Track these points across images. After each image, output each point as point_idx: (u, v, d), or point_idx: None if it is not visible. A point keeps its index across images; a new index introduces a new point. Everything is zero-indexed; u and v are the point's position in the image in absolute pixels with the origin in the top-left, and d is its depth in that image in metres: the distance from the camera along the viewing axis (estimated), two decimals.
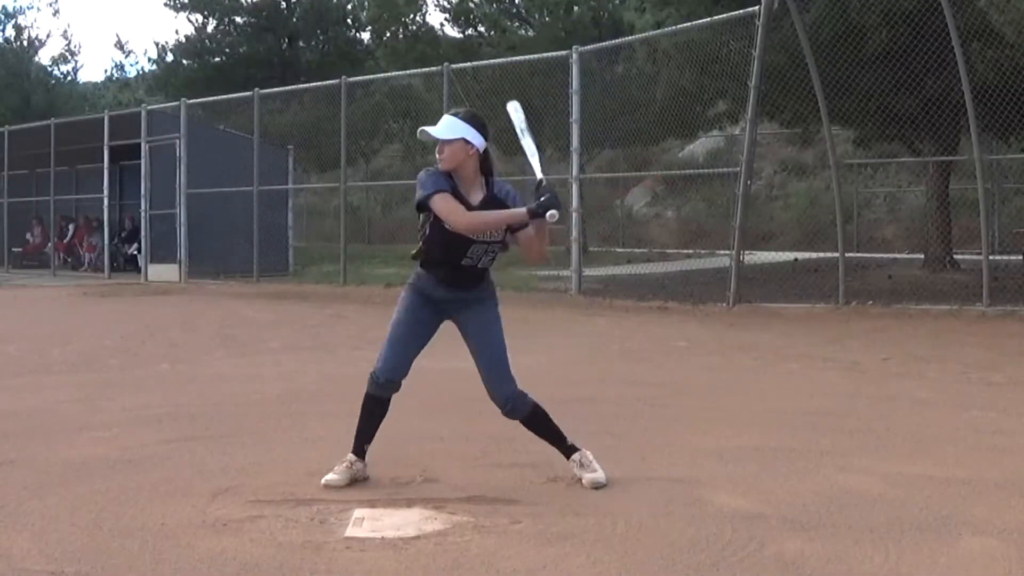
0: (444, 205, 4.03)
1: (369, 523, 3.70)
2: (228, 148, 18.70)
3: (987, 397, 6.34)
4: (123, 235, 21.32)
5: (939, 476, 4.31)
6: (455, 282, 4.15)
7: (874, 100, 13.02)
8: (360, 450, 4.26)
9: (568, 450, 4.23)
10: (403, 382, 4.26)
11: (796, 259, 16.59)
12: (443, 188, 4.04)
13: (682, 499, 3.99)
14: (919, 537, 3.50)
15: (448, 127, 4.08)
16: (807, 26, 11.65)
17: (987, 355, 8.19)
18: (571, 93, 13.17)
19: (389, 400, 4.28)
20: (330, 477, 4.19)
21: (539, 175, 4.10)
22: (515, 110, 4.33)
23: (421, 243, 4.18)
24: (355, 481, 4.20)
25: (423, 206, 4.09)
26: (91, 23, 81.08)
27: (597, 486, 4.11)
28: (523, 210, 3.97)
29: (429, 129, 4.11)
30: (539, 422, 4.24)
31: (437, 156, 4.12)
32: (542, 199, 3.91)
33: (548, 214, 3.90)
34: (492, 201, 4.10)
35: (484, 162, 4.14)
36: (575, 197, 13.72)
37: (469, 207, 4.05)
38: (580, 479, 4.17)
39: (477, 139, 4.08)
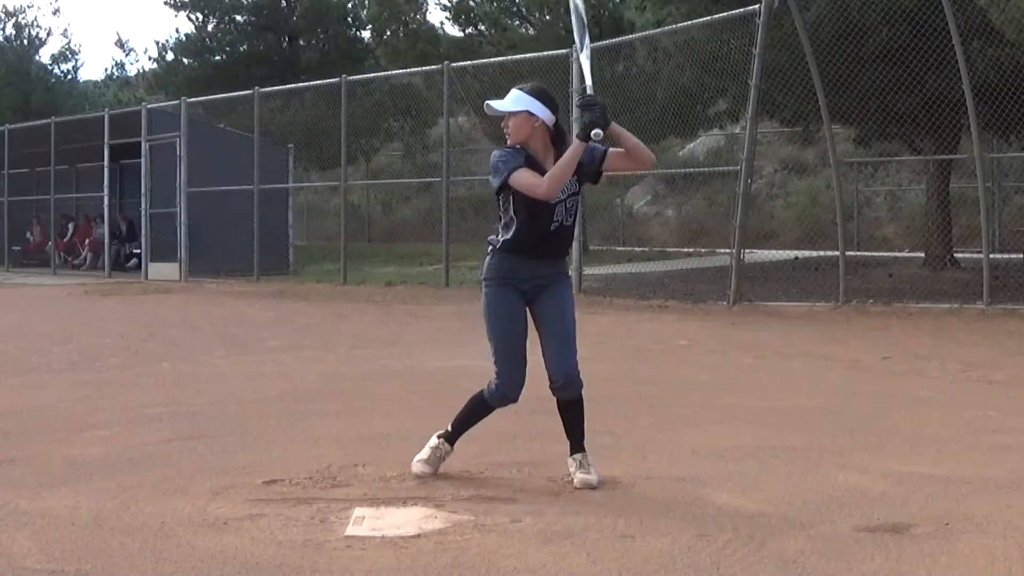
0: (524, 180, 3.99)
1: (369, 522, 3.70)
2: (228, 147, 18.70)
3: (987, 396, 6.34)
4: (120, 234, 21.30)
5: (940, 475, 4.31)
6: (548, 253, 4.14)
7: (874, 98, 13.02)
8: (454, 439, 4.29)
9: (578, 447, 4.21)
10: (402, 382, 4.25)
11: (796, 257, 16.59)
12: (517, 164, 4.02)
13: (682, 498, 3.99)
14: (919, 536, 3.50)
15: (513, 100, 4.08)
16: (807, 24, 11.65)
17: (988, 354, 8.19)
18: (571, 92, 13.18)
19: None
20: (422, 468, 4.24)
21: (588, 87, 4.12)
22: (574, 5, 4.38)
23: (508, 228, 4.12)
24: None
25: (503, 188, 4.05)
26: (91, 22, 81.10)
27: (588, 486, 4.10)
28: (576, 141, 3.97)
29: (494, 103, 4.13)
30: (575, 411, 4.21)
31: (504, 131, 4.13)
32: (584, 119, 3.94)
33: (593, 133, 3.90)
34: None
35: (556, 137, 4.12)
36: None
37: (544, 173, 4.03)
38: (575, 480, 4.16)
39: (543, 112, 4.07)
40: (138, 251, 19.94)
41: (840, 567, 3.21)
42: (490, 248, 4.21)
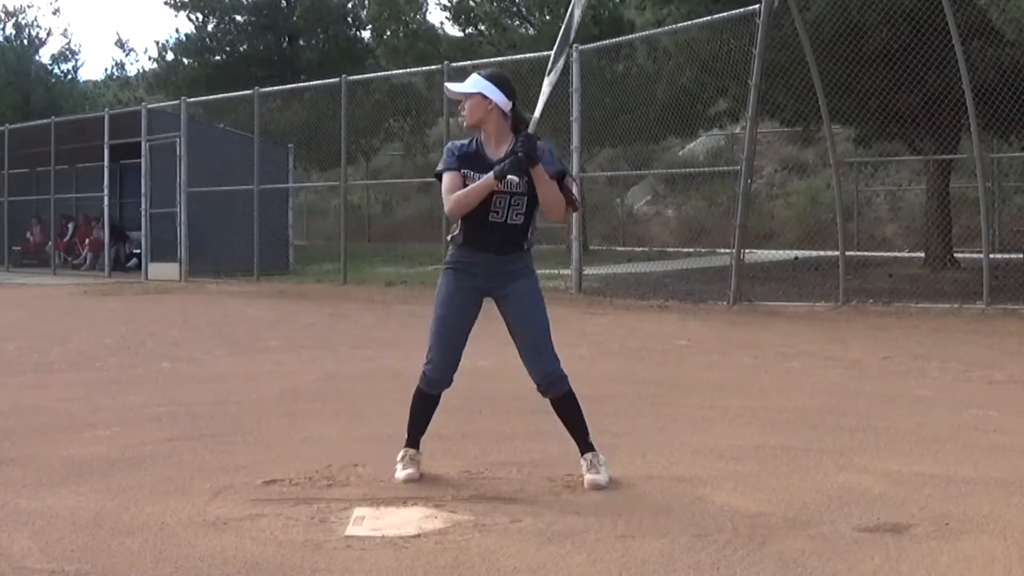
0: (443, 185, 4.12)
1: (369, 522, 3.70)
2: (228, 147, 18.70)
3: (988, 395, 6.34)
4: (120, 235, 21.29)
5: (940, 475, 4.31)
6: (492, 247, 4.12)
7: (875, 98, 13.03)
8: (416, 442, 4.29)
9: (586, 446, 4.19)
10: (402, 382, 4.25)
11: (796, 257, 16.59)
12: (451, 166, 4.11)
13: (682, 498, 3.99)
14: (919, 536, 3.50)
15: (470, 83, 4.15)
16: (807, 24, 11.65)
17: (988, 353, 8.19)
18: (571, 91, 13.16)
19: (439, 396, 4.29)
20: (404, 473, 4.22)
21: (532, 123, 4.11)
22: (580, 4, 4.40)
23: (458, 222, 4.18)
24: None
25: (438, 177, 4.18)
26: (91, 22, 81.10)
27: (596, 487, 4.09)
28: (490, 175, 4.00)
29: (451, 85, 4.22)
30: (569, 408, 4.20)
31: (460, 112, 4.19)
32: (512, 157, 3.95)
33: (506, 180, 3.95)
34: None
35: (514, 124, 4.15)
36: (575, 196, 13.70)
37: (486, 163, 4.07)
38: (582, 478, 4.16)
39: (497, 96, 4.10)
40: (138, 251, 19.94)
41: (840, 567, 3.21)
42: (450, 238, 4.27)
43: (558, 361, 4.15)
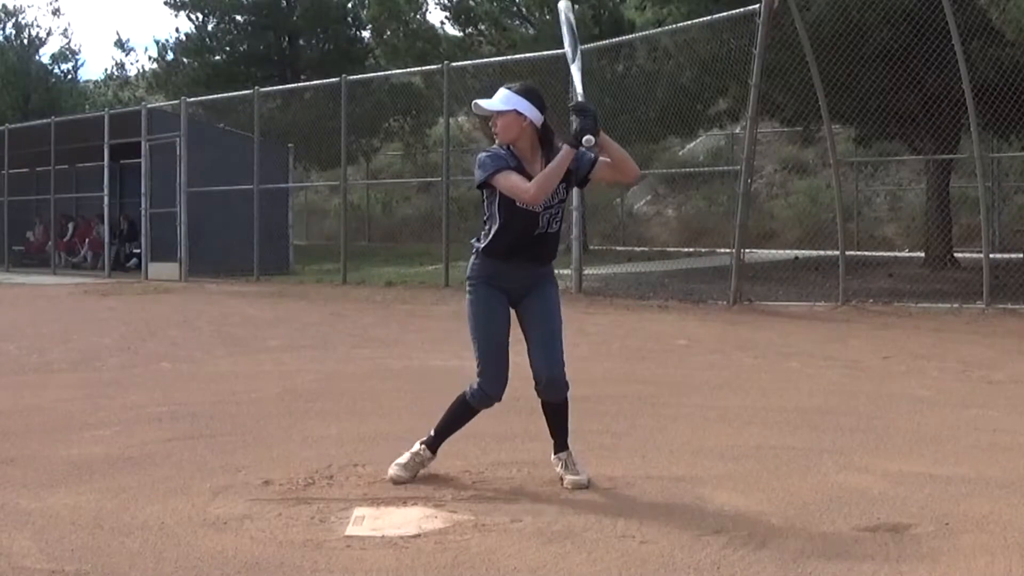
0: (507, 182, 3.97)
1: (370, 521, 3.70)
2: (228, 146, 18.71)
3: (987, 395, 6.34)
4: (121, 234, 21.30)
5: (939, 474, 4.31)
6: (532, 257, 4.10)
7: (875, 98, 13.04)
8: (436, 447, 4.23)
9: (562, 446, 4.20)
10: (402, 382, 4.25)
11: (797, 257, 16.59)
12: (504, 166, 3.99)
13: (682, 497, 3.99)
14: (919, 536, 3.50)
15: (501, 99, 4.03)
16: (808, 24, 11.65)
17: (987, 353, 8.19)
18: (571, 92, 13.15)
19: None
20: (398, 474, 4.18)
21: (579, 94, 4.04)
22: (565, 14, 4.28)
23: (489, 229, 4.09)
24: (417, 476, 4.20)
25: (485, 185, 4.03)
26: (91, 22, 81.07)
27: (578, 487, 4.09)
28: (565, 147, 3.92)
29: (482, 102, 4.08)
30: (560, 413, 4.19)
31: (492, 130, 4.09)
32: (575, 125, 3.86)
33: (584, 140, 3.85)
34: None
35: (544, 136, 4.08)
36: (575, 195, 13.74)
37: (531, 179, 3.98)
38: (562, 479, 4.14)
39: (531, 111, 4.02)
40: (138, 251, 19.94)
41: (840, 567, 3.21)
42: (474, 249, 4.19)
43: (564, 367, 4.12)
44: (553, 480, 4.20)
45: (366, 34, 28.15)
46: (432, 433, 4.24)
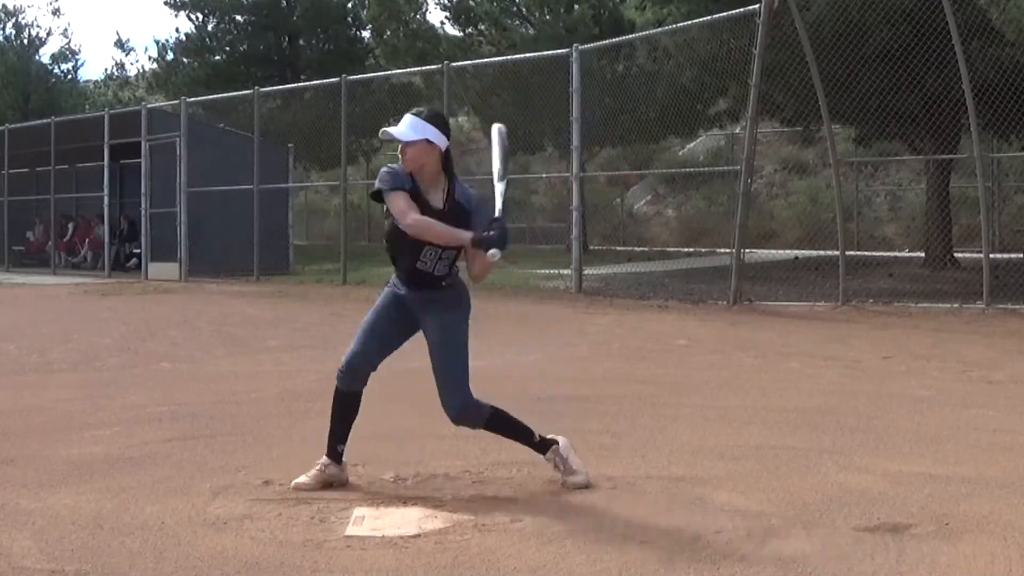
0: (396, 203, 3.94)
1: (369, 521, 3.70)
2: (228, 146, 18.71)
3: (987, 395, 6.34)
4: (121, 234, 21.30)
5: (940, 474, 4.31)
6: (414, 282, 4.09)
7: (875, 98, 13.04)
8: (334, 452, 4.16)
9: (540, 447, 4.15)
10: (401, 381, 4.24)
11: (797, 257, 16.59)
12: (399, 186, 3.96)
13: (683, 497, 3.99)
14: (919, 536, 3.50)
15: (411, 127, 3.98)
16: (808, 24, 11.65)
17: (987, 353, 8.19)
18: (571, 92, 13.15)
19: (359, 395, 4.20)
20: (300, 479, 4.14)
21: (498, 210, 4.01)
22: (498, 136, 4.20)
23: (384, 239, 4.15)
24: (329, 485, 4.11)
25: (378, 197, 4.03)
26: (91, 22, 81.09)
27: (578, 487, 4.07)
28: (468, 236, 3.88)
29: (391, 130, 4.02)
30: (502, 425, 4.15)
31: (399, 156, 4.03)
32: (491, 234, 3.84)
33: (489, 252, 3.84)
34: (454, 207, 4.01)
35: (445, 160, 4.06)
36: (576, 195, 13.75)
37: (429, 209, 3.96)
38: (563, 483, 4.12)
39: (440, 139, 4.01)
40: (138, 251, 19.94)
41: (840, 567, 3.21)
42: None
43: (464, 393, 4.03)
44: (553, 480, 4.20)
45: (366, 34, 28.17)
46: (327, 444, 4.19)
